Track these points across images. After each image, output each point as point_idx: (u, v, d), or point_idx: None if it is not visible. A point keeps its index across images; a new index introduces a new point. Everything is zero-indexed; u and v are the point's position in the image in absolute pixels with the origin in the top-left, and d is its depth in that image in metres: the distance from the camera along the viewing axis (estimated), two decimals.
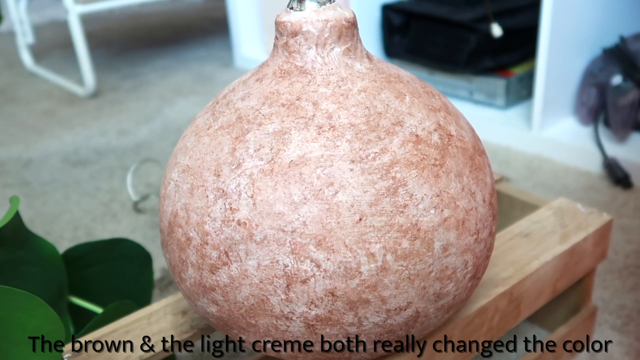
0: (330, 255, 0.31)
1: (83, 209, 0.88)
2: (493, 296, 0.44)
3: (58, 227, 0.83)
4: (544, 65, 0.92)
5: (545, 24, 0.89)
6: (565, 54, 0.95)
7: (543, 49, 0.91)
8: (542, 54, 0.91)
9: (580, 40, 0.96)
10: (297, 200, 0.32)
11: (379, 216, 0.32)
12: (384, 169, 0.32)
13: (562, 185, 0.88)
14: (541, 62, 0.92)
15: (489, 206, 0.37)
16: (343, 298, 0.32)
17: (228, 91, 0.38)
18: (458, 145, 0.36)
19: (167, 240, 0.37)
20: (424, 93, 0.37)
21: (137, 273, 0.57)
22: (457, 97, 1.14)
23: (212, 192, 0.33)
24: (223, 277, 0.33)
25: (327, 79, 0.35)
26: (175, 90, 1.39)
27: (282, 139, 0.33)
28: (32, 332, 0.34)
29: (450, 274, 0.34)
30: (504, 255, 0.49)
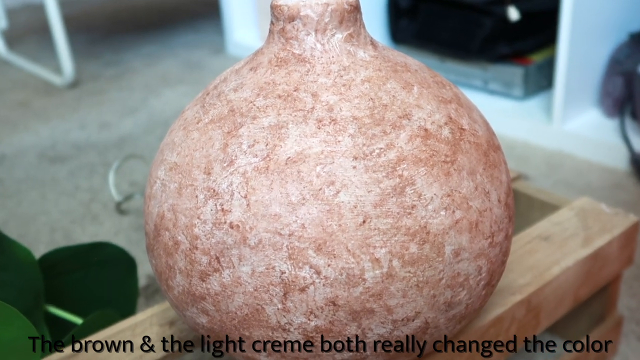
0: (331, 260, 0.32)
1: (61, 209, 0.88)
2: (509, 305, 0.44)
3: (34, 230, 0.83)
4: (565, 52, 0.92)
5: (567, 7, 0.89)
6: (589, 40, 0.94)
7: (564, 34, 0.91)
8: (563, 40, 0.91)
9: (605, 25, 0.96)
10: (294, 200, 0.32)
11: (384, 218, 0.32)
12: (389, 167, 0.32)
13: (585, 183, 0.88)
14: (562, 49, 0.92)
15: (504, 207, 0.37)
16: (345, 308, 0.32)
17: (219, 81, 0.38)
18: (471, 140, 0.36)
19: (153, 245, 0.37)
20: (434, 83, 0.37)
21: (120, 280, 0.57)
22: (470, 87, 1.14)
23: (202, 192, 0.33)
24: (214, 285, 0.34)
25: (328, 68, 0.35)
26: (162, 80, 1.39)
27: (278, 134, 0.33)
28: (7, 344, 0.34)
29: (462, 281, 0.34)
30: (522, 260, 0.49)
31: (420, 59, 1.19)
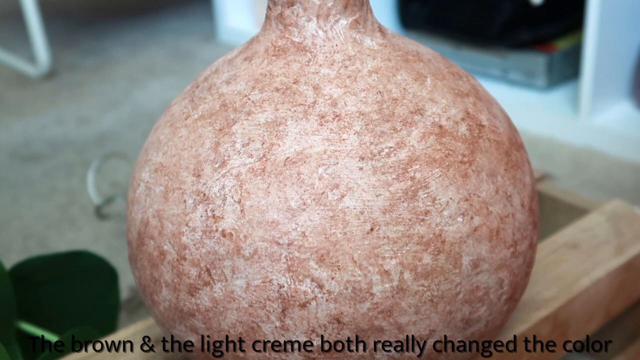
0: (335, 273, 0.31)
1: (35, 214, 0.88)
2: (534, 321, 0.44)
3: (5, 236, 0.83)
4: (593, 38, 0.92)
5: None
6: (620, 24, 0.94)
7: (593, 18, 0.91)
8: (591, 24, 0.91)
9: (637, 7, 0.95)
10: (294, 206, 0.32)
11: (394, 225, 0.32)
12: (400, 168, 0.32)
13: (617, 184, 0.88)
14: (590, 34, 0.92)
15: (528, 212, 0.37)
16: (351, 325, 0.32)
17: (210, 72, 0.38)
18: (491, 137, 0.35)
19: (137, 255, 0.37)
20: (449, 74, 0.37)
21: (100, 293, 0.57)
22: (488, 77, 1.14)
23: (191, 196, 0.33)
24: (204, 300, 0.33)
25: (331, 57, 0.35)
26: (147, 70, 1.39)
27: (276, 132, 0.33)
28: None
29: (481, 296, 0.34)
30: (547, 271, 0.49)
31: (433, 46, 1.19)
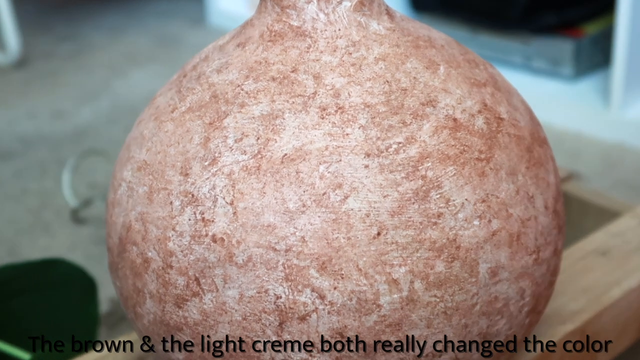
0: (338, 282, 0.31)
1: (5, 218, 0.88)
2: (559, 336, 0.44)
3: None
4: (626, 22, 0.92)
5: None
6: None
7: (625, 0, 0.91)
8: (623, 6, 0.91)
9: None
10: (292, 207, 0.32)
11: (403, 229, 0.32)
12: (410, 166, 0.32)
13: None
14: (622, 17, 0.92)
15: (553, 214, 0.37)
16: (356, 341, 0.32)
17: (199, 60, 0.38)
18: (511, 132, 0.35)
19: (118, 263, 0.37)
20: (464, 62, 0.37)
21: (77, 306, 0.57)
22: (509, 65, 1.14)
23: (178, 197, 0.33)
24: (193, 313, 0.33)
25: (333, 43, 0.35)
26: (129, 58, 1.39)
27: (272, 125, 0.33)
28: None
29: (500, 307, 0.34)
30: (574, 280, 0.49)
31: (447, 31, 1.19)
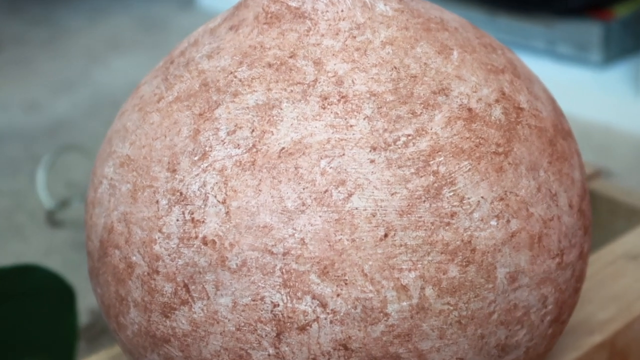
0: (341, 289, 0.31)
1: None
2: (586, 349, 0.44)
3: None
4: None
5: None
6: None
7: None
8: None
9: None
10: (291, 207, 0.32)
11: (413, 230, 0.32)
12: (420, 160, 0.32)
13: None
14: None
15: (578, 214, 0.37)
16: (361, 353, 0.32)
17: (188, 45, 0.38)
18: (531, 123, 0.35)
19: (99, 268, 0.37)
20: (480, 46, 0.37)
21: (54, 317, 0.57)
22: (531, 50, 1.14)
23: (165, 195, 0.33)
24: (182, 323, 0.34)
25: (336, 26, 0.35)
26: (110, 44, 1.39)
27: (268, 116, 0.33)
28: None
29: (520, 316, 0.34)
30: (602, 287, 0.49)
31: (462, 13, 1.19)
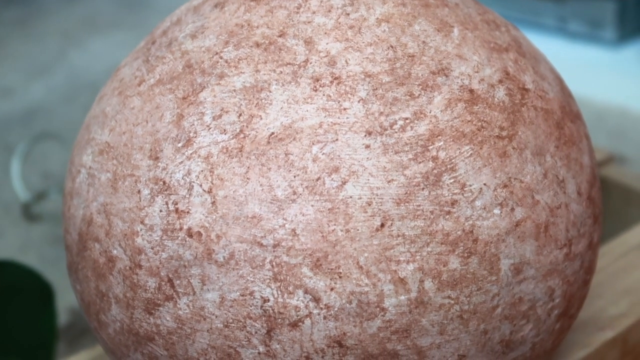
0: (335, 282, 0.32)
1: None
2: (596, 345, 0.44)
3: None
4: None
5: None
6: None
7: None
8: None
9: None
10: (281, 195, 0.32)
11: (411, 220, 0.32)
12: (419, 145, 0.32)
13: None
14: None
15: (587, 202, 0.37)
16: (356, 350, 0.32)
17: (170, 24, 0.38)
18: (537, 105, 0.36)
19: (78, 263, 0.37)
20: (483, 23, 0.37)
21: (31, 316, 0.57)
22: (540, 28, 1.13)
23: (147, 184, 0.34)
24: (166, 320, 0.34)
25: (328, 2, 0.35)
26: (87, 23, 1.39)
27: (256, 100, 0.33)
28: None
29: (526, 310, 0.34)
30: (614, 280, 0.49)
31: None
